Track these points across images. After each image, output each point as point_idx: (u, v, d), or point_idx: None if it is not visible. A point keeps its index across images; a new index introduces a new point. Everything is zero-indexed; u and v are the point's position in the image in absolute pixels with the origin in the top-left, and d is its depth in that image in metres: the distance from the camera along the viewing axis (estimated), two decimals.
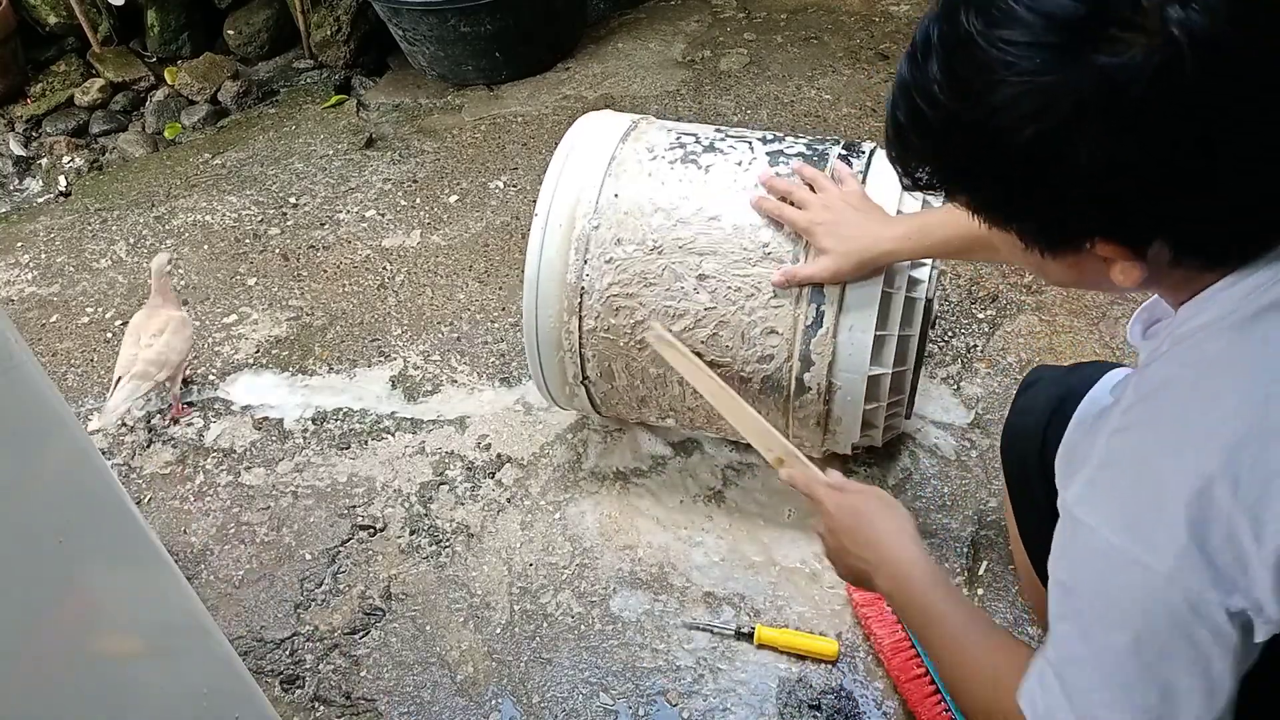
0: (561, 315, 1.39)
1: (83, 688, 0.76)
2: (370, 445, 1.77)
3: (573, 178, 1.40)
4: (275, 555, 1.61)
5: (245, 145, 2.69)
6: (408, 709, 1.38)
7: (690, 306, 1.33)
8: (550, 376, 1.48)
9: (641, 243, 1.35)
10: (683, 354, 1.32)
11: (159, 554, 0.80)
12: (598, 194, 1.38)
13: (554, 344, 1.42)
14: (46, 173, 2.80)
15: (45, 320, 2.15)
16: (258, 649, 1.48)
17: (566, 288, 1.38)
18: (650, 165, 1.40)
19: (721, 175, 1.37)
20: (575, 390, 1.49)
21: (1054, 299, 1.87)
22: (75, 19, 2.97)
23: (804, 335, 1.30)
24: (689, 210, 1.34)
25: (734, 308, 1.32)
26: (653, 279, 1.34)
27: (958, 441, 1.64)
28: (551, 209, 1.39)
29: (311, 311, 2.08)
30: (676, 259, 1.33)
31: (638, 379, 1.43)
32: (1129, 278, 0.72)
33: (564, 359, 1.43)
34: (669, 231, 1.34)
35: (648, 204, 1.36)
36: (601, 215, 1.37)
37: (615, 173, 1.40)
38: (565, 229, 1.38)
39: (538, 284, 1.39)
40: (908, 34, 2.73)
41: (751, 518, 1.56)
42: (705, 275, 1.32)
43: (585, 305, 1.38)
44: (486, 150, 2.52)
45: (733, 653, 1.39)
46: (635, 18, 3.03)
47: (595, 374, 1.44)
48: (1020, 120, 0.65)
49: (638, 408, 1.50)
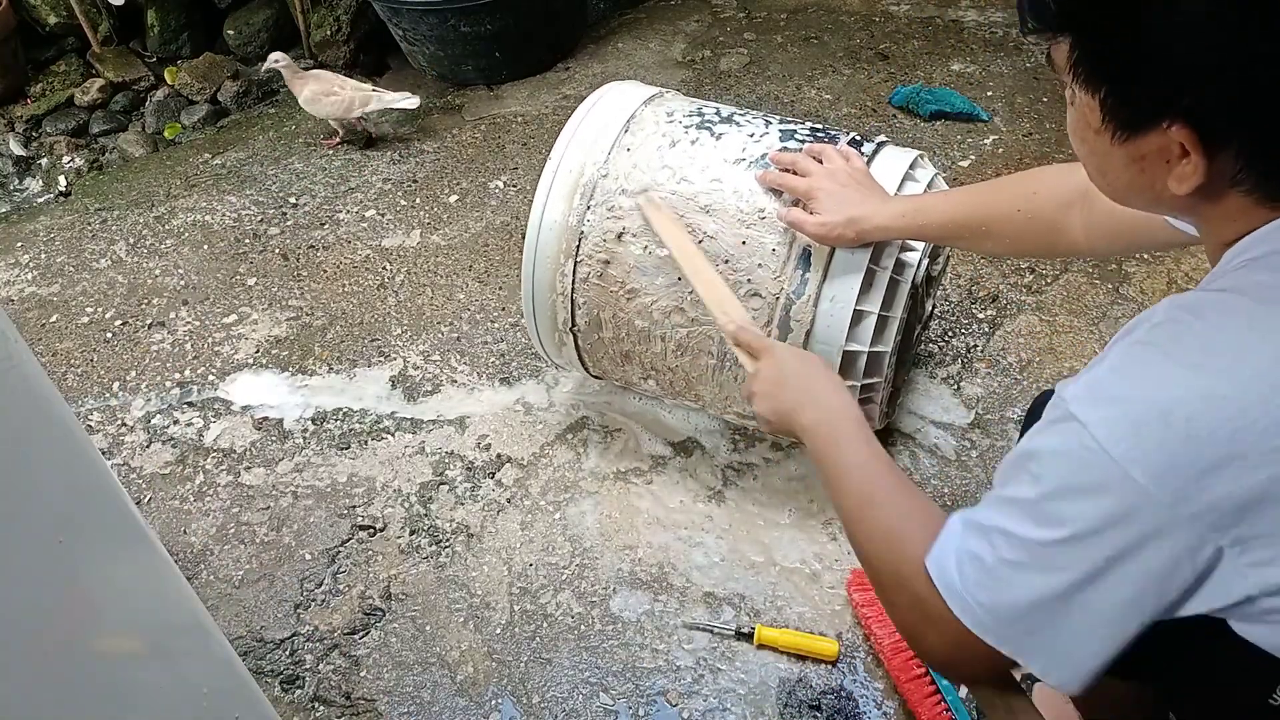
0: (559, 258, 1.42)
1: (82, 688, 0.76)
2: (370, 445, 1.77)
3: (590, 129, 1.45)
4: (275, 555, 1.61)
5: (245, 145, 2.69)
6: (408, 709, 1.38)
7: None
8: (542, 322, 1.50)
9: (643, 195, 1.38)
10: (668, 218, 1.33)
11: (159, 554, 0.80)
12: (611, 146, 1.42)
13: (548, 286, 1.45)
14: (46, 173, 2.80)
15: (45, 320, 2.15)
16: (258, 649, 1.48)
17: (567, 231, 1.41)
18: (667, 127, 1.44)
19: (732, 143, 1.40)
20: (564, 339, 1.50)
21: (1054, 299, 1.87)
22: (75, 19, 2.97)
23: (786, 301, 1.31)
24: (694, 170, 1.38)
25: (724, 266, 1.33)
26: (650, 230, 1.37)
27: (958, 441, 1.64)
28: (565, 155, 1.43)
29: (311, 311, 2.08)
30: None
31: (623, 331, 1.44)
32: (1186, 182, 0.70)
33: (556, 303, 1.46)
34: (672, 188, 1.37)
35: (657, 161, 1.39)
36: (611, 165, 1.41)
37: (632, 129, 1.44)
38: (574, 175, 1.42)
39: (540, 226, 1.43)
40: (908, 34, 2.74)
41: (751, 518, 1.56)
42: (700, 231, 1.35)
43: (582, 250, 1.41)
44: (486, 150, 2.52)
45: (733, 653, 1.39)
46: (635, 17, 3.03)
47: (584, 322, 1.46)
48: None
49: (621, 364, 1.50)
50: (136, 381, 1.97)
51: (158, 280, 2.23)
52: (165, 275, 2.24)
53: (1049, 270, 1.93)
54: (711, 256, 1.33)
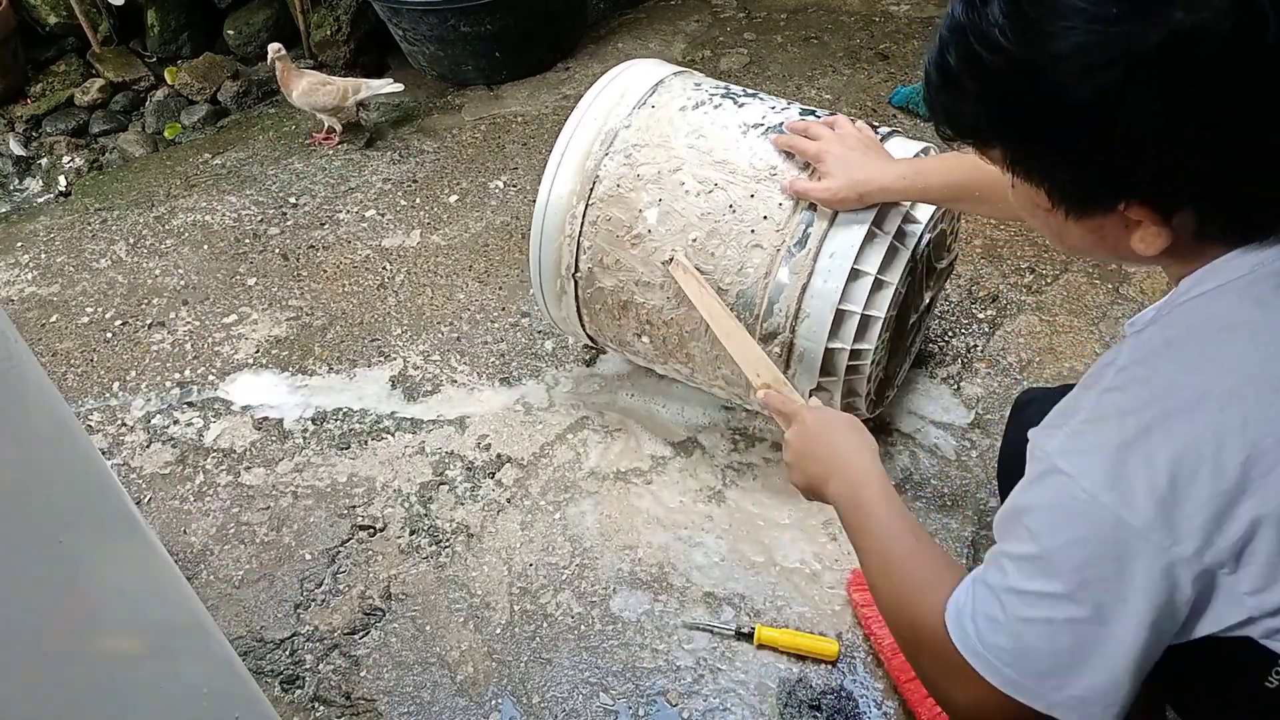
0: (571, 200, 1.47)
1: (83, 688, 0.76)
2: (370, 445, 1.77)
3: (619, 87, 1.51)
4: (275, 555, 1.61)
5: (245, 145, 2.69)
6: (408, 709, 1.38)
7: (689, 208, 1.40)
8: (546, 266, 1.52)
9: (662, 145, 1.44)
10: (699, 282, 1.38)
11: (159, 554, 0.80)
12: (636, 104, 1.49)
13: (558, 227, 1.48)
14: (46, 173, 2.80)
15: (45, 320, 2.15)
16: (258, 649, 1.48)
17: (584, 175, 1.46)
18: (693, 93, 1.50)
19: (753, 110, 1.47)
20: (565, 286, 1.52)
21: (1054, 299, 1.87)
22: (75, 19, 2.97)
23: (786, 254, 1.34)
24: (714, 129, 1.44)
25: (730, 216, 1.37)
26: (663, 178, 1.42)
27: (958, 441, 1.64)
28: (591, 107, 1.50)
29: (311, 311, 2.08)
30: (690, 166, 1.41)
31: (625, 279, 1.46)
32: (1151, 246, 0.71)
33: (563, 245, 1.49)
34: (691, 142, 1.43)
35: (680, 119, 1.46)
36: (634, 119, 1.47)
37: (660, 91, 1.51)
38: (598, 124, 1.48)
39: (557, 170, 1.47)
40: (908, 34, 2.74)
41: (751, 518, 1.56)
42: (710, 183, 1.39)
43: (594, 194, 1.45)
44: (486, 150, 2.52)
45: (733, 653, 1.39)
46: (635, 18, 3.03)
47: (586, 268, 1.48)
48: (1083, 70, 0.63)
49: (617, 316, 1.51)
50: (136, 381, 1.97)
51: (158, 280, 2.23)
52: (165, 275, 2.24)
53: (1049, 270, 1.93)
54: (719, 205, 1.37)
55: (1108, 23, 0.62)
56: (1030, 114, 0.69)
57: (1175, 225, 0.70)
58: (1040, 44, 0.65)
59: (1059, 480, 0.72)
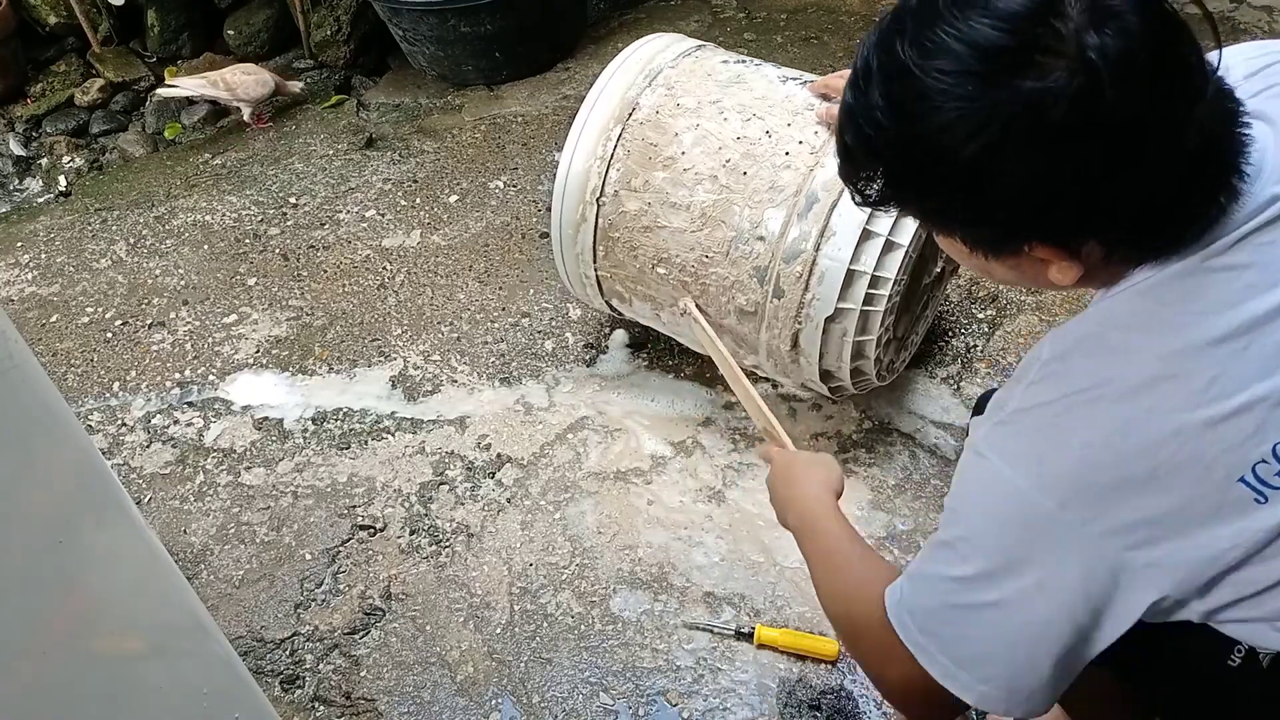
0: (609, 124, 1.52)
1: (83, 688, 0.76)
2: (370, 445, 1.77)
3: (665, 40, 1.61)
4: (275, 555, 1.61)
5: (245, 145, 2.69)
6: (408, 709, 1.38)
7: (725, 131, 1.45)
8: (572, 189, 1.54)
9: (703, 82, 1.51)
10: (705, 329, 1.46)
11: (159, 554, 0.80)
12: (682, 53, 1.58)
13: (590, 151, 1.52)
14: (46, 173, 2.80)
15: (45, 320, 2.15)
16: (258, 649, 1.48)
17: (624, 102, 1.52)
18: (732, 55, 1.61)
19: (789, 70, 1.56)
20: (586, 214, 1.54)
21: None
22: (75, 19, 2.97)
23: (807, 198, 1.37)
24: (754, 76, 1.52)
25: (767, 140, 1.43)
26: (702, 108, 1.48)
27: (958, 441, 1.64)
28: (638, 50, 1.58)
29: (311, 311, 2.08)
30: (728, 95, 1.48)
31: (652, 200, 1.48)
32: (1066, 277, 0.76)
33: (592, 169, 1.52)
34: (731, 83, 1.51)
35: (721, 67, 1.54)
36: (678, 64, 1.56)
37: (702, 50, 1.60)
38: (644, 62, 1.56)
39: (601, 94, 1.54)
40: None
41: (751, 518, 1.56)
42: (749, 112, 1.45)
43: (633, 118, 1.51)
44: (486, 150, 2.52)
45: (733, 653, 1.39)
46: (635, 18, 3.03)
47: (612, 190, 1.51)
48: (958, 141, 0.69)
49: (638, 241, 1.52)
50: (136, 381, 1.97)
51: (158, 280, 2.23)
52: (165, 275, 2.24)
53: None
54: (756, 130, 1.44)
55: (968, 99, 0.68)
56: (920, 179, 0.75)
57: (1084, 256, 0.74)
58: (913, 122, 0.71)
59: (983, 466, 0.78)
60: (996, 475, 0.76)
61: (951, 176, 0.71)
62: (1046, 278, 0.77)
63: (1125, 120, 0.66)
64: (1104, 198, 0.69)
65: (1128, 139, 0.67)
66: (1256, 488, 0.71)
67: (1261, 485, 0.71)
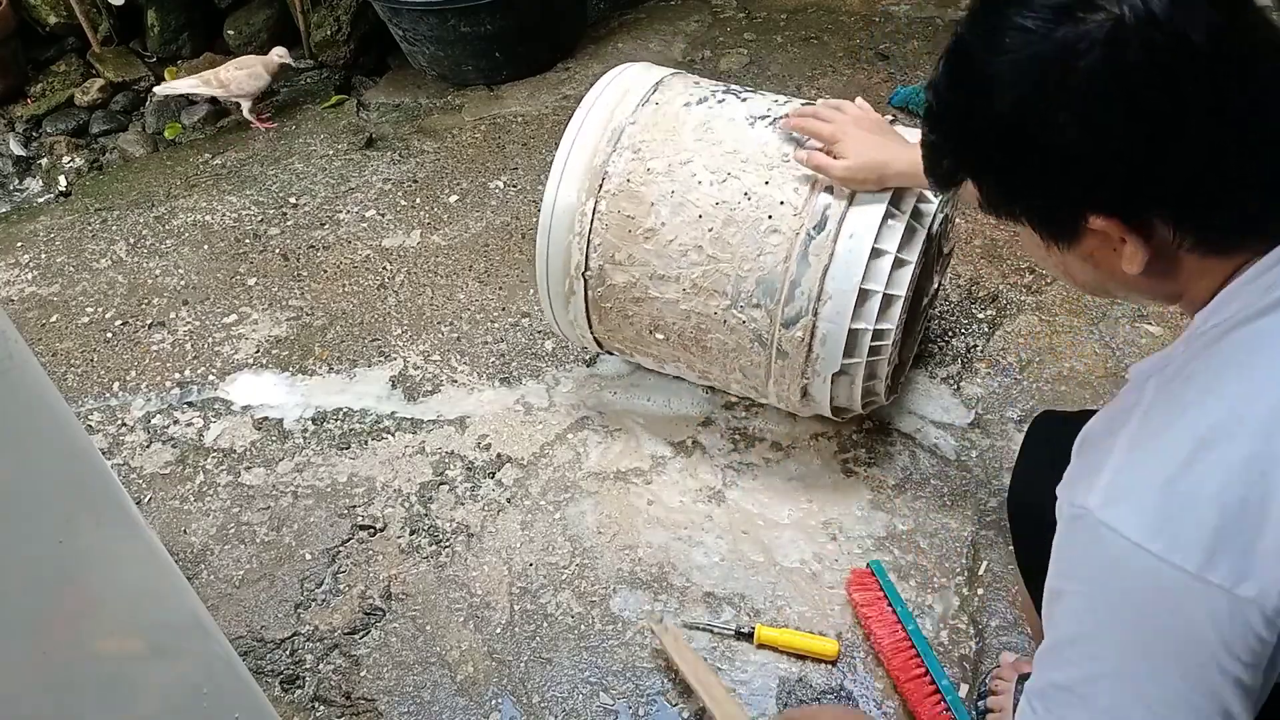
0: (580, 197, 1.46)
1: (82, 688, 0.76)
2: (370, 445, 1.77)
3: (619, 88, 1.51)
4: (275, 555, 1.61)
5: (245, 145, 2.69)
6: (408, 709, 1.38)
7: (702, 198, 1.40)
8: (555, 265, 1.51)
9: (670, 139, 1.44)
10: (683, 644, 1.37)
11: (159, 554, 0.80)
12: (639, 101, 1.49)
13: (567, 227, 1.47)
14: (46, 173, 2.80)
15: (45, 320, 2.15)
16: (258, 649, 1.48)
17: (592, 171, 1.46)
18: (694, 90, 1.51)
19: (757, 104, 1.48)
20: (574, 286, 1.51)
21: (1054, 299, 1.87)
22: (75, 19, 2.97)
23: (805, 238, 1.34)
24: (721, 122, 1.44)
25: (746, 204, 1.37)
26: (674, 171, 1.42)
27: (958, 441, 1.64)
28: (594, 107, 1.49)
29: (311, 311, 2.08)
30: (699, 156, 1.42)
31: (639, 274, 1.45)
32: (1135, 261, 0.73)
33: (572, 244, 1.47)
34: (699, 135, 1.43)
35: (684, 113, 1.46)
36: (640, 115, 1.47)
37: (661, 89, 1.51)
38: (602, 123, 1.48)
39: (564, 168, 1.47)
40: (908, 34, 2.74)
41: (751, 518, 1.56)
42: (723, 173, 1.40)
43: (604, 189, 1.45)
44: (486, 150, 2.52)
45: (733, 653, 1.39)
46: (635, 18, 3.03)
47: (597, 265, 1.47)
48: (1003, 89, 0.72)
49: (630, 313, 1.50)
50: (136, 381, 1.97)
51: (158, 280, 2.23)
52: (165, 275, 2.24)
53: (1049, 270, 1.93)
54: (734, 193, 1.38)
55: (1008, 51, 0.71)
56: (975, 145, 0.77)
57: (1151, 240, 0.72)
58: (961, 82, 0.76)
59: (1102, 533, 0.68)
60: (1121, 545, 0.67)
61: (999, 135, 0.73)
62: (1120, 269, 0.74)
63: (1158, 76, 0.67)
64: (1148, 160, 0.69)
65: (1163, 97, 0.67)
66: None
67: None
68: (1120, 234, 0.72)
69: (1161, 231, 0.72)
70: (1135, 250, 0.73)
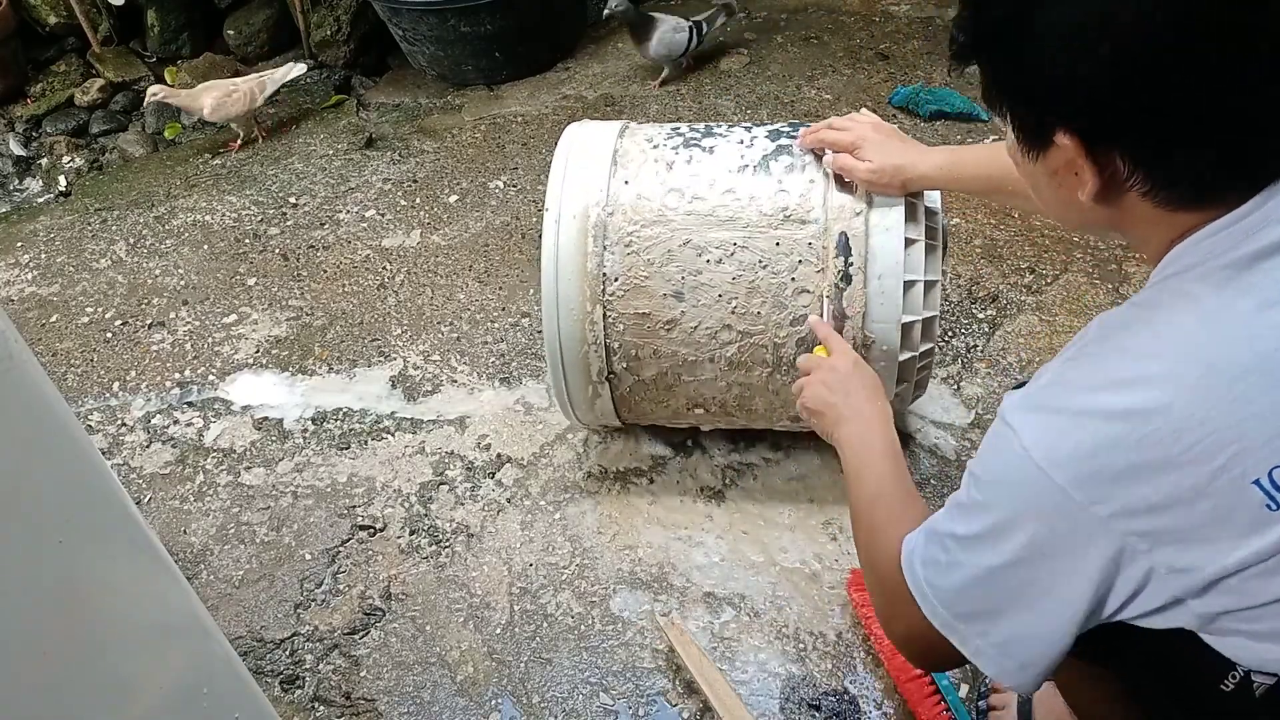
0: (585, 306, 1.38)
1: (82, 688, 0.76)
2: (370, 445, 1.77)
3: (579, 172, 1.41)
4: (275, 555, 1.61)
5: (245, 145, 2.69)
6: (408, 709, 1.38)
7: (716, 277, 1.34)
8: (573, 377, 1.45)
9: (659, 222, 1.36)
10: (687, 640, 1.37)
11: (159, 554, 0.80)
12: (607, 183, 1.39)
13: (578, 339, 1.40)
14: (46, 173, 2.80)
15: (45, 320, 2.15)
16: (258, 649, 1.48)
17: (588, 277, 1.37)
18: (654, 153, 1.42)
19: (727, 153, 1.41)
20: (599, 390, 1.46)
21: (1054, 299, 1.87)
22: (75, 19, 2.97)
23: (835, 292, 1.31)
24: (702, 186, 1.37)
25: (763, 272, 1.33)
26: (676, 255, 1.35)
27: (958, 441, 1.64)
28: (563, 203, 1.39)
29: (311, 311, 2.08)
30: (696, 233, 1.35)
31: (666, 365, 1.41)
32: (1086, 188, 0.76)
33: (588, 353, 1.41)
34: (685, 208, 1.36)
35: (660, 186, 1.38)
36: (615, 203, 1.38)
37: (621, 163, 1.42)
38: (580, 220, 1.38)
39: (557, 279, 1.38)
40: (908, 34, 2.74)
41: (751, 518, 1.56)
42: (728, 245, 1.34)
43: (609, 292, 1.37)
44: (486, 150, 2.52)
45: (733, 653, 1.39)
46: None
47: (622, 366, 1.42)
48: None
49: (665, 398, 1.47)
50: (136, 381, 1.97)
51: (158, 280, 2.23)
52: (165, 275, 2.24)
53: (1049, 270, 1.93)
54: (748, 263, 1.33)
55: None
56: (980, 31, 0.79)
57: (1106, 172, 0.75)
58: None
59: (1006, 434, 0.78)
60: (1014, 446, 0.76)
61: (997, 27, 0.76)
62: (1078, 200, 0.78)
63: (1133, 14, 0.68)
64: (1113, 92, 0.71)
65: (1136, 35, 0.68)
66: (1271, 493, 0.69)
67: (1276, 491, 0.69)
68: (1079, 156, 0.75)
69: (1118, 167, 0.74)
70: (1088, 178, 0.76)
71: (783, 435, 1.66)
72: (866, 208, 1.33)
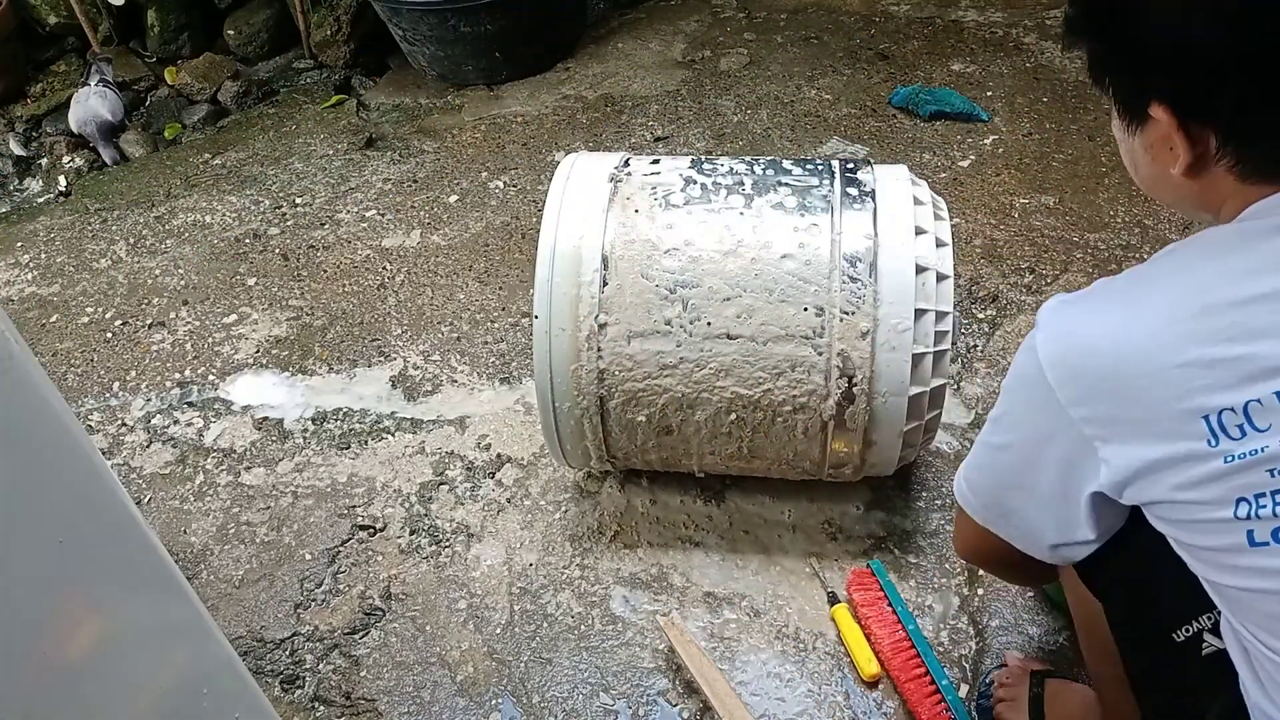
0: (579, 355, 1.34)
1: (82, 688, 0.76)
2: (370, 445, 1.77)
3: (568, 237, 1.35)
4: (275, 555, 1.61)
5: (245, 145, 2.69)
6: (408, 709, 1.38)
7: (719, 321, 1.32)
8: (564, 421, 1.41)
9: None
10: (688, 640, 1.36)
11: (159, 554, 0.80)
12: (602, 246, 1.34)
13: (568, 378, 1.36)
14: (46, 173, 2.80)
15: (45, 320, 2.15)
16: (258, 649, 1.48)
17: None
18: (652, 218, 1.36)
19: (736, 222, 1.35)
20: (592, 434, 1.42)
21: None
22: (75, 19, 2.97)
23: (840, 356, 1.29)
24: (712, 245, 1.33)
25: (775, 330, 1.30)
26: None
27: (958, 441, 1.64)
28: (555, 259, 1.34)
29: (311, 311, 2.08)
30: (708, 281, 1.32)
31: (658, 409, 1.37)
32: (1179, 161, 0.80)
33: (580, 390, 1.37)
34: (683, 265, 1.33)
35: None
36: (611, 261, 1.33)
37: (614, 222, 1.36)
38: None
39: (549, 334, 1.35)
40: (908, 34, 2.74)
41: (751, 518, 1.56)
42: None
43: (606, 333, 1.34)
44: (486, 150, 2.52)
45: (733, 653, 1.39)
46: (635, 18, 3.03)
47: (614, 408, 1.38)
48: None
49: (661, 445, 1.44)
50: (136, 381, 1.97)
51: (158, 280, 2.23)
52: (165, 275, 2.24)
53: (1049, 270, 1.93)
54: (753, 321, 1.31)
55: None
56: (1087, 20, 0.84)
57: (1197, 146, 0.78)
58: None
59: (1031, 344, 0.86)
60: (1032, 356, 0.85)
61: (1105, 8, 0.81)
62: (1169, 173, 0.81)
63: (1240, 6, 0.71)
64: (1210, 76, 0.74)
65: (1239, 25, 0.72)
66: (1214, 429, 0.75)
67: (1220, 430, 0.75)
68: (1173, 129, 0.78)
69: (1210, 142, 0.78)
70: (1180, 152, 0.79)
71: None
72: (872, 277, 1.29)
